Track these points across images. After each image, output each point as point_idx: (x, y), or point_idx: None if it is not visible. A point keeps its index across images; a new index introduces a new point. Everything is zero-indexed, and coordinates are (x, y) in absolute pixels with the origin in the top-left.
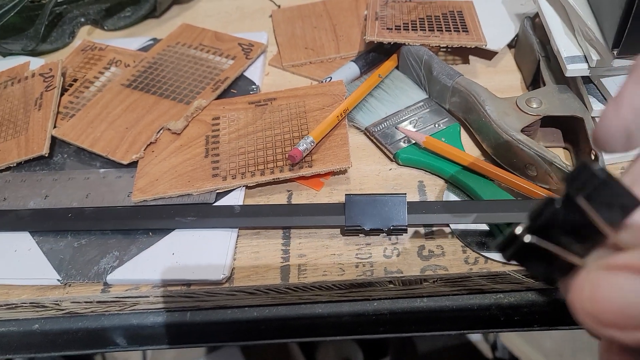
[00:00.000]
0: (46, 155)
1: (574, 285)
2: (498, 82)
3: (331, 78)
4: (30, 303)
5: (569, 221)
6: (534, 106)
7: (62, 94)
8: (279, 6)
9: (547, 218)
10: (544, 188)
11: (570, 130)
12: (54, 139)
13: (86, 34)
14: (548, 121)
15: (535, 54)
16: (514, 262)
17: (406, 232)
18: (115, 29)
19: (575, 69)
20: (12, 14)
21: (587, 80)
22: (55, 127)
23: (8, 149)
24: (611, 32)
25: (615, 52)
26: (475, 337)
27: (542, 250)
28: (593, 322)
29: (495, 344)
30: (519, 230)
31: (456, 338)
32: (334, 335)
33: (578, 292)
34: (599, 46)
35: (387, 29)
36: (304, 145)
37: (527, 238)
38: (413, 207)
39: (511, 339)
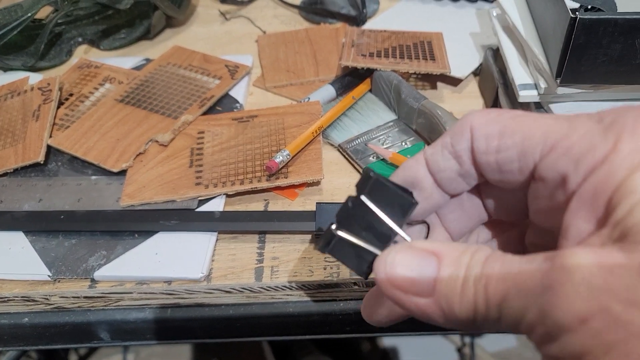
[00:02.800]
0: (42, 163)
1: (378, 260)
2: (463, 106)
3: (309, 98)
4: (21, 297)
5: (364, 218)
6: None
7: (58, 107)
8: (264, 32)
9: (342, 213)
10: None
11: None
12: (49, 148)
13: (83, 53)
14: None
15: (494, 82)
16: (332, 257)
17: None
18: (111, 49)
19: (526, 95)
20: (14, 32)
21: (538, 105)
22: (51, 137)
23: (6, 156)
24: (554, 63)
25: (558, 81)
26: (452, 359)
27: (351, 243)
28: (387, 285)
29: None
30: (333, 226)
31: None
32: (304, 334)
33: (380, 265)
34: (546, 75)
35: (362, 55)
36: (281, 157)
37: (338, 232)
38: None
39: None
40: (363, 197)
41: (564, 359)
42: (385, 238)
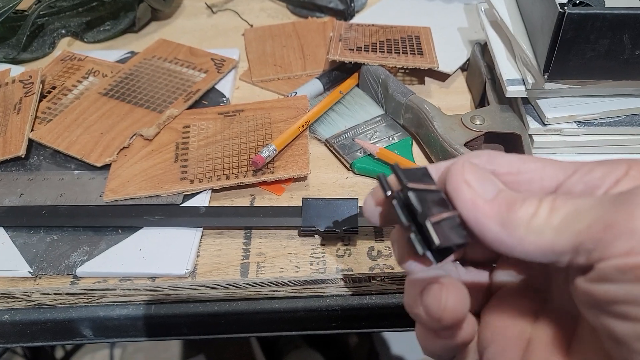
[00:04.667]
0: (23, 157)
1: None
2: (450, 101)
3: (296, 93)
4: (1, 294)
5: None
6: (478, 123)
7: (40, 100)
8: (251, 25)
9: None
10: None
11: (511, 146)
12: (31, 142)
13: (66, 45)
14: (491, 137)
15: (482, 77)
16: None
17: (357, 234)
18: (95, 41)
19: (514, 90)
20: None
21: (526, 101)
22: (32, 130)
23: None
24: (542, 58)
25: (545, 76)
26: None
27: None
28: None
29: None
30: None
31: (420, 356)
32: (290, 330)
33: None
34: (534, 71)
35: (349, 49)
36: (267, 152)
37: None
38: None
39: None
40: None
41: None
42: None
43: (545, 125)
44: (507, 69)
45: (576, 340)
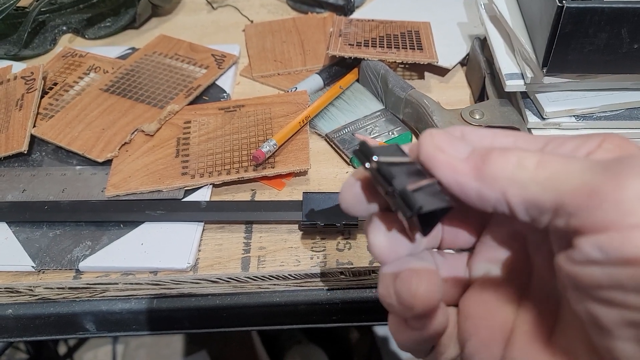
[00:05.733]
0: (25, 152)
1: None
2: (450, 96)
3: (296, 88)
4: (5, 288)
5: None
6: (477, 117)
7: (42, 97)
8: (251, 21)
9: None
10: None
11: None
12: (33, 138)
13: (67, 42)
14: None
15: (482, 71)
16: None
17: (357, 227)
18: (96, 38)
19: (513, 85)
20: None
21: (525, 95)
22: (34, 126)
23: None
24: (541, 52)
25: (544, 70)
26: None
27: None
28: (430, 145)
29: None
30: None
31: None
32: (291, 323)
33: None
34: (533, 65)
35: (349, 44)
36: (267, 147)
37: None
38: None
39: None
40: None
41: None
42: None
43: (544, 119)
44: (506, 63)
45: (559, 326)
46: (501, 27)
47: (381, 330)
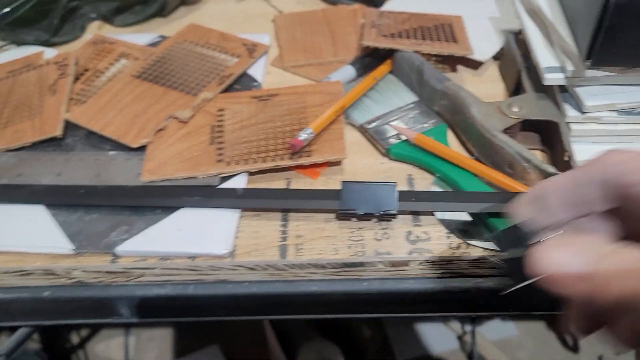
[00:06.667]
0: (59, 137)
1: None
2: (483, 89)
3: (329, 78)
4: (42, 270)
5: None
6: (515, 110)
7: (74, 82)
8: (280, 12)
9: None
10: (522, 183)
11: (547, 134)
12: (66, 123)
13: (96, 29)
14: (527, 125)
15: (517, 65)
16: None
17: (395, 218)
18: (124, 25)
19: (552, 78)
20: (27, 6)
21: (563, 89)
22: (68, 111)
23: (23, 129)
24: (584, 45)
25: (587, 64)
26: (453, 346)
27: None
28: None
29: (471, 354)
30: None
31: (433, 349)
32: (326, 312)
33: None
34: (574, 58)
35: (383, 35)
36: (304, 135)
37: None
38: (403, 195)
39: (488, 349)
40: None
41: None
42: None
43: (583, 113)
44: (544, 56)
45: None
46: (538, 20)
47: (394, 326)
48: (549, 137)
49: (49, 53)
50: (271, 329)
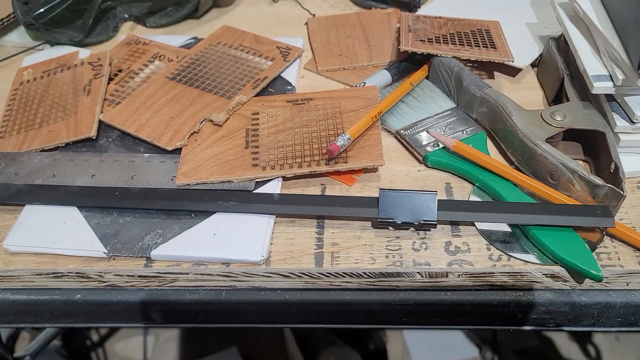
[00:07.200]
0: (94, 138)
1: None
2: (521, 97)
3: (365, 83)
4: (76, 273)
5: None
6: (558, 119)
7: (108, 83)
8: (313, 15)
9: None
10: (566, 195)
11: (590, 144)
12: (100, 124)
13: (129, 30)
14: (569, 135)
15: (559, 72)
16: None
17: (435, 228)
18: (157, 26)
19: (601, 87)
20: (62, 7)
21: (610, 98)
22: (102, 112)
23: (57, 129)
24: (636, 54)
25: None
26: (473, 355)
27: None
28: None
29: None
30: None
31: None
32: (360, 323)
33: None
34: (624, 66)
35: (420, 40)
36: (342, 141)
37: None
38: (442, 205)
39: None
40: None
41: None
42: None
43: (634, 123)
44: (592, 64)
45: None
46: (583, 27)
47: (413, 334)
48: (593, 147)
49: (83, 53)
50: (291, 333)
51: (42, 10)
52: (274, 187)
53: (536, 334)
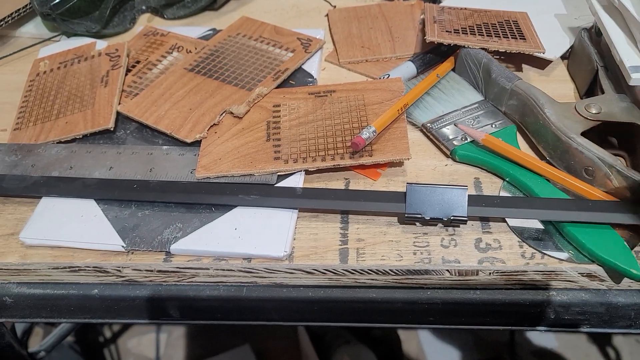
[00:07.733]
0: (111, 130)
1: None
2: (551, 90)
3: (389, 75)
4: (93, 267)
5: None
6: (593, 112)
7: (125, 74)
8: (334, 6)
9: None
10: (602, 190)
11: (627, 138)
12: (117, 115)
13: (146, 21)
14: (605, 128)
15: (593, 64)
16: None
17: (465, 224)
18: (175, 18)
19: (639, 78)
20: None
21: None
22: (119, 104)
23: (75, 121)
24: None
25: None
26: (488, 355)
27: None
28: None
29: None
30: None
31: (468, 356)
32: (385, 322)
33: None
34: None
35: (447, 31)
36: (367, 134)
37: None
38: (472, 200)
39: None
40: None
41: None
42: None
43: None
44: (629, 55)
45: None
46: (618, 17)
47: (427, 334)
48: (628, 140)
49: (100, 44)
50: (305, 330)
51: (58, 0)
52: (296, 181)
53: (555, 335)
